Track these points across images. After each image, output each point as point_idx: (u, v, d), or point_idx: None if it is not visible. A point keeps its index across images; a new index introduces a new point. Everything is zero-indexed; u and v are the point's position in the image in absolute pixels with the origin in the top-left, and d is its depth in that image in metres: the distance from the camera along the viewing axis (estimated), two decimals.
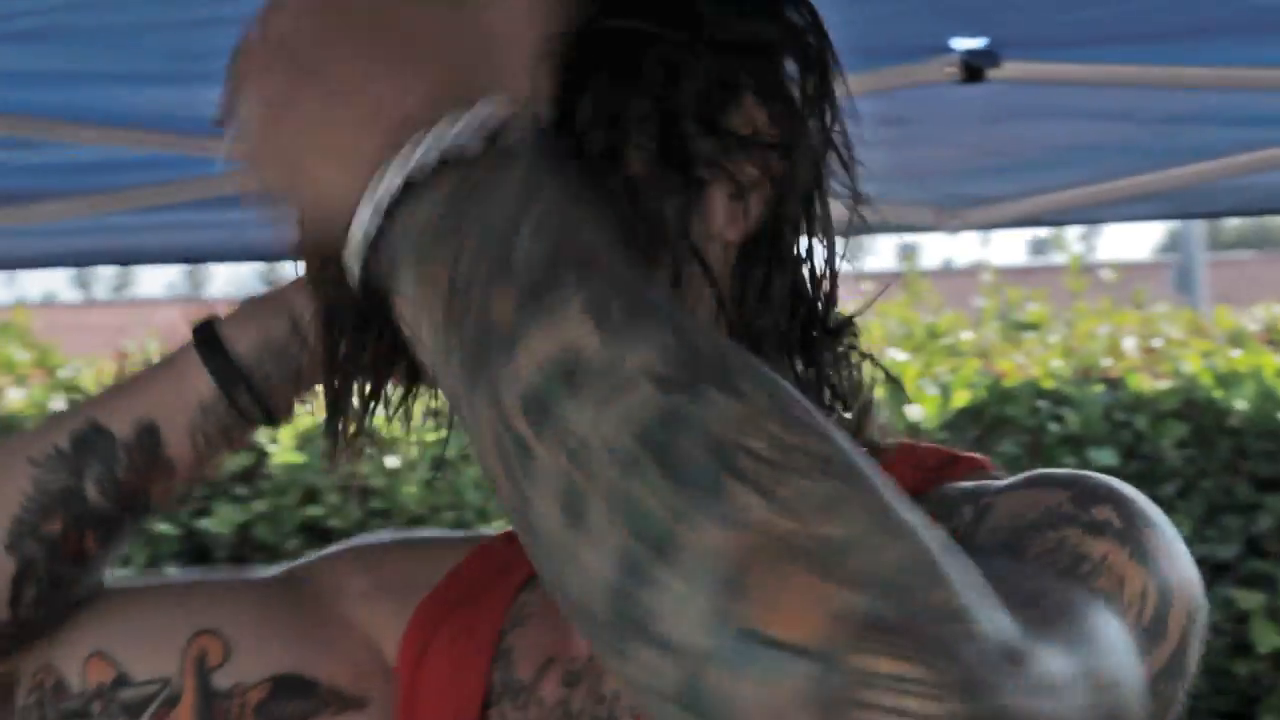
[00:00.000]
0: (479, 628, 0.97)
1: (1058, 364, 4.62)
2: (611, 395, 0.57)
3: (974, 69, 2.34)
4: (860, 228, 3.17)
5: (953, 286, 6.24)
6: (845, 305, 0.93)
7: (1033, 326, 5.04)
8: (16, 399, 4.54)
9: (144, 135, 2.54)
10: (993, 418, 4.53)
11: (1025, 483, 0.79)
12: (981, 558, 0.58)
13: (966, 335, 4.87)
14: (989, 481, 0.82)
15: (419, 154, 0.64)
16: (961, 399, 4.50)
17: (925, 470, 0.85)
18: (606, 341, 0.58)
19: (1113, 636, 0.65)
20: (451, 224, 0.64)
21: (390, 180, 0.64)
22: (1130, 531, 0.72)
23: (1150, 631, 0.69)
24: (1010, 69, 2.34)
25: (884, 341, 4.81)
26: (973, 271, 5.62)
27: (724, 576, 0.53)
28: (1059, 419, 4.51)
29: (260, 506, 4.40)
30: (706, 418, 0.56)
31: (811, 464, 0.55)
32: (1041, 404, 4.52)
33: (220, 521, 4.39)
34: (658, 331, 0.59)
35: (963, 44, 2.35)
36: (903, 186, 2.72)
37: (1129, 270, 8.02)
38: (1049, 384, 4.55)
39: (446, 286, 0.62)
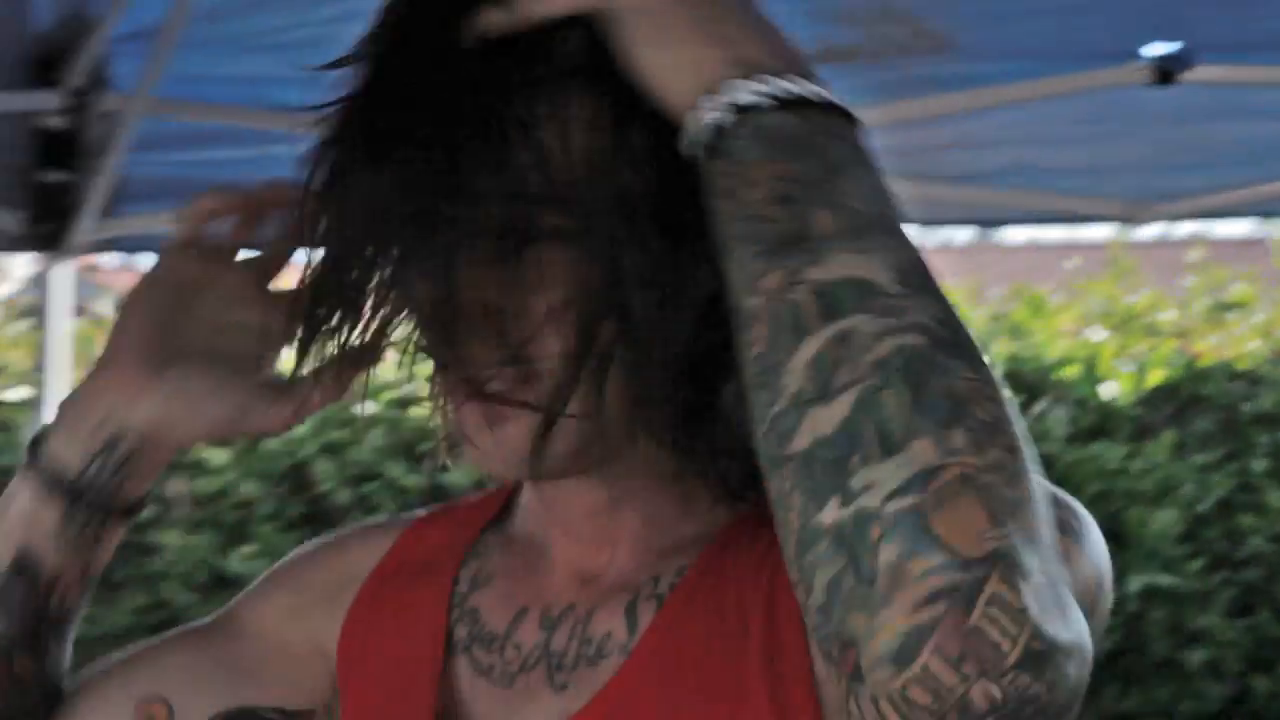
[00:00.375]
0: (426, 598, 0.99)
1: (1255, 345, 4.56)
2: (893, 326, 0.70)
3: (1166, 72, 2.37)
4: (1054, 219, 3.20)
5: (1168, 258, 6.07)
6: (1047, 281, 0.98)
7: (1238, 306, 4.94)
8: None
9: None
10: (1187, 396, 4.50)
11: None
12: None
13: (1167, 315, 4.81)
14: None
15: (785, 83, 0.76)
16: (1156, 377, 4.48)
17: None
18: (901, 292, 0.71)
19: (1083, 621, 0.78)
20: (799, 143, 0.75)
21: (763, 88, 0.76)
22: (1081, 532, 0.84)
23: (1088, 612, 0.80)
24: (1201, 72, 2.37)
25: (1084, 320, 4.78)
26: (1190, 243, 5.42)
27: (923, 478, 0.67)
28: (1252, 398, 4.45)
29: None
30: (956, 376, 0.69)
31: (1004, 440, 0.69)
32: (1235, 384, 4.48)
33: (462, 475, 4.55)
34: (938, 302, 0.71)
35: (1155, 49, 2.39)
36: (1095, 181, 2.75)
37: None
38: (1244, 365, 4.50)
39: (782, 181, 0.74)
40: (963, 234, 11.78)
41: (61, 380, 3.01)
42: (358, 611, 1.01)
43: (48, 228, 2.83)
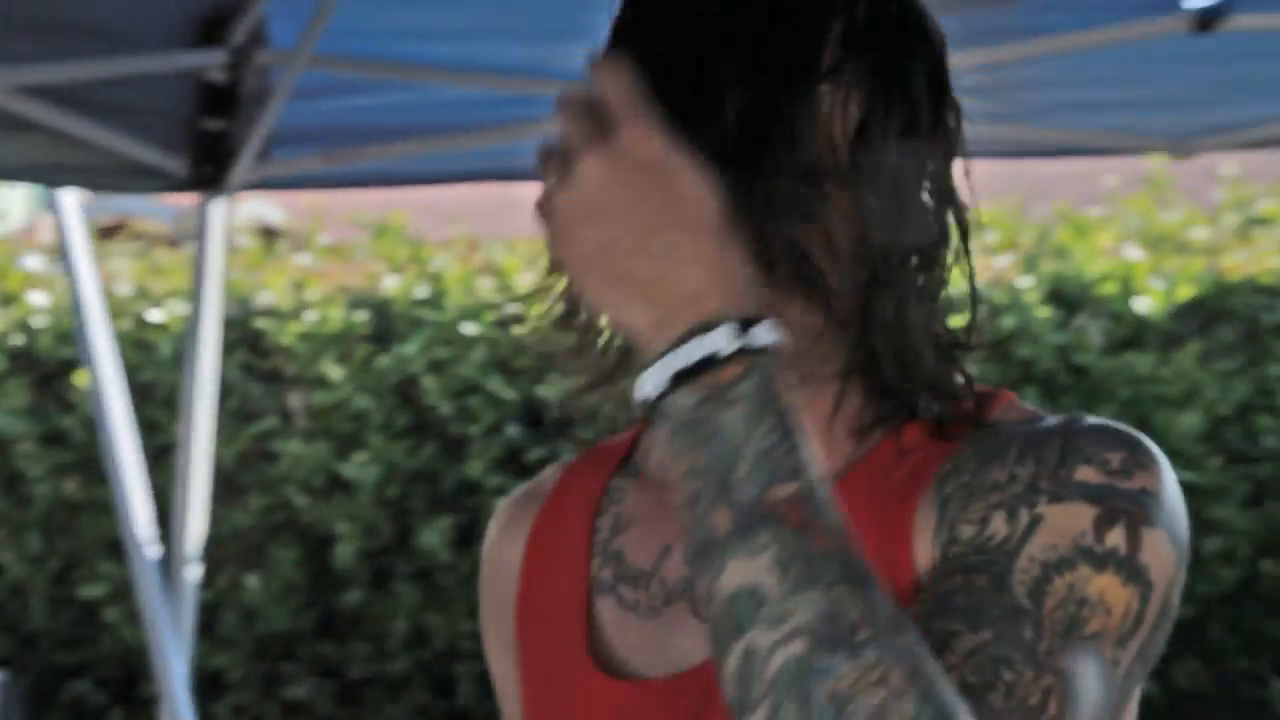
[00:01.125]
0: (568, 547, 1.01)
1: (1276, 261, 4.67)
2: (781, 637, 0.75)
3: (1205, 21, 2.48)
4: (1104, 152, 3.34)
5: (1202, 167, 5.88)
6: (1085, 193, 0.99)
7: (1265, 222, 4.97)
8: (391, 286, 4.92)
9: (519, 82, 2.84)
10: (1213, 309, 4.63)
11: (1065, 486, 0.87)
12: (1017, 613, 0.82)
13: (1198, 232, 4.88)
14: (1043, 455, 0.88)
15: (699, 349, 0.78)
16: (1185, 292, 4.60)
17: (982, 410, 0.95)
18: (783, 594, 0.75)
19: (1087, 692, 0.82)
20: (700, 428, 0.78)
21: (676, 361, 0.78)
22: (1130, 554, 0.85)
23: (1128, 635, 0.85)
24: (1238, 20, 2.48)
25: (1120, 238, 4.87)
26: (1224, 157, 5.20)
27: None
28: (1274, 310, 4.58)
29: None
30: (836, 676, 0.74)
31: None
32: (1259, 298, 4.59)
33: (553, 389, 4.70)
34: (818, 597, 0.75)
35: (1194, 1, 2.50)
36: (1141, 118, 2.88)
37: None
38: (1267, 280, 4.62)
39: (688, 480, 0.78)
40: None
41: (215, 305, 3.19)
42: (524, 574, 1.04)
43: (207, 170, 3.00)
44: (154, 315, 4.89)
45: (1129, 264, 4.66)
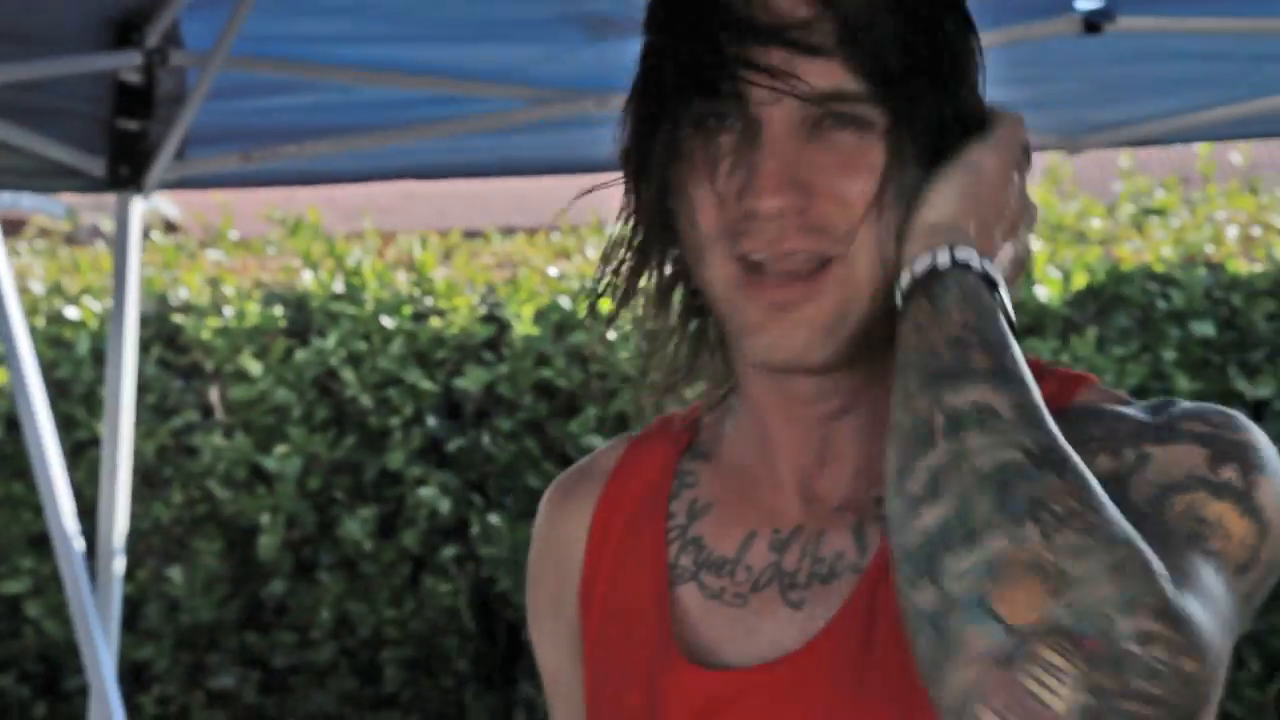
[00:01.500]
0: (644, 533, 0.98)
1: (1168, 251, 4.79)
2: (998, 443, 0.78)
3: (1093, 24, 2.56)
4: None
5: (1101, 158, 6.02)
6: None
7: (1159, 213, 5.09)
8: (308, 281, 4.91)
9: (431, 81, 2.87)
10: (1109, 296, 4.73)
11: (1171, 433, 0.89)
12: (1139, 515, 0.81)
13: (1095, 222, 5.00)
14: (1142, 417, 0.91)
15: (983, 266, 0.86)
16: (1081, 281, 4.70)
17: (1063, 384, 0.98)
18: (1015, 418, 0.79)
19: (1214, 592, 0.81)
20: (984, 303, 0.85)
21: (963, 257, 0.86)
22: (1246, 490, 0.86)
23: (1244, 567, 0.84)
24: (1123, 22, 2.57)
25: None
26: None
27: (991, 564, 0.74)
28: (1167, 297, 4.69)
29: (503, 369, 4.70)
30: (1041, 482, 0.76)
31: (1081, 526, 0.75)
32: (1152, 285, 4.71)
33: (471, 381, 4.70)
34: (1045, 432, 0.79)
35: (1084, 4, 2.58)
36: (1034, 115, 2.96)
37: None
38: (1160, 268, 4.73)
39: (964, 328, 0.83)
40: None
41: (134, 301, 3.19)
42: (590, 556, 1.00)
43: (125, 170, 3.00)
44: (70, 312, 4.85)
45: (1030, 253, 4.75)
